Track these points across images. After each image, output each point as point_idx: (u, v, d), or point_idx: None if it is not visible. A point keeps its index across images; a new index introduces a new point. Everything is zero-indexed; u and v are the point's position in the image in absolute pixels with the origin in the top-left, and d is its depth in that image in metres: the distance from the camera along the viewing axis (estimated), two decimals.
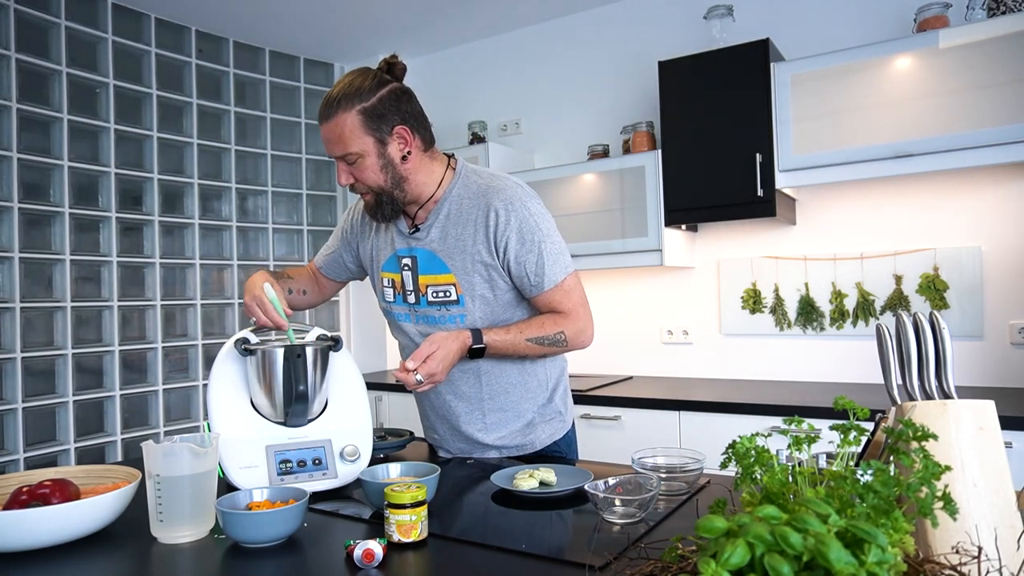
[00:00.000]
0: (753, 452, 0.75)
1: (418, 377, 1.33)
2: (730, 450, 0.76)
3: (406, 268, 1.51)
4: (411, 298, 1.51)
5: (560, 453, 1.60)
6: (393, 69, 1.46)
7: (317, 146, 3.87)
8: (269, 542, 1.03)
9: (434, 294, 1.48)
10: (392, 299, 1.56)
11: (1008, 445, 1.92)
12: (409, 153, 1.42)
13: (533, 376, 1.56)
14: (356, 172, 1.40)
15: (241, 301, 3.48)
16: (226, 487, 1.28)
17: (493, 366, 1.52)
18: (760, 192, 2.48)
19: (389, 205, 1.45)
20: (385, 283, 1.57)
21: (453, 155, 1.56)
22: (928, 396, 0.88)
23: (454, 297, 1.46)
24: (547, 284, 1.44)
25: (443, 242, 1.46)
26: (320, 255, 1.73)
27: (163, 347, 3.19)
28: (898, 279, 2.62)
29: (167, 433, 3.18)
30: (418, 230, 1.49)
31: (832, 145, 2.39)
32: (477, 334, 1.41)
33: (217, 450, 1.17)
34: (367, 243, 1.62)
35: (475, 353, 1.42)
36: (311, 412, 1.38)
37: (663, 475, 1.21)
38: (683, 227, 2.87)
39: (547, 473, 1.28)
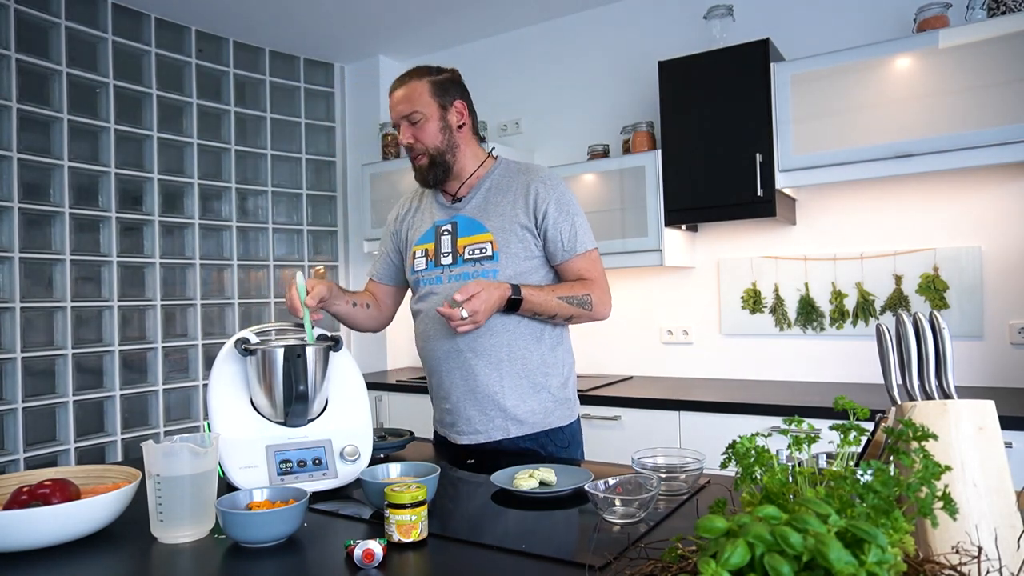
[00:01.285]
0: (753, 452, 0.75)
1: (464, 313, 1.40)
2: (730, 450, 0.76)
3: (445, 233, 1.65)
4: (446, 259, 1.64)
5: (565, 442, 1.64)
6: (449, 70, 1.70)
7: (317, 146, 3.87)
8: (269, 542, 1.03)
9: (470, 251, 1.61)
10: (424, 267, 1.68)
11: (1008, 445, 1.92)
12: (463, 125, 1.65)
13: (552, 353, 1.64)
14: (418, 132, 1.60)
15: (242, 301, 3.49)
16: (226, 487, 1.28)
17: (514, 335, 1.59)
18: (760, 192, 2.48)
19: (441, 167, 1.63)
20: (417, 255, 1.69)
21: (494, 148, 1.80)
22: (928, 396, 0.88)
23: (489, 253, 1.59)
24: (579, 249, 1.60)
25: (483, 208, 1.63)
26: (371, 269, 1.87)
27: (163, 347, 3.19)
28: (898, 279, 2.62)
29: (167, 433, 3.18)
30: (459, 201, 1.67)
31: (832, 145, 2.39)
32: (515, 287, 1.51)
33: (217, 450, 1.17)
34: (405, 229, 1.77)
35: (512, 305, 1.51)
36: (311, 412, 1.38)
37: (663, 475, 1.21)
38: (683, 227, 2.87)
39: (547, 473, 1.28)
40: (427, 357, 1.71)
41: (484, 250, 1.59)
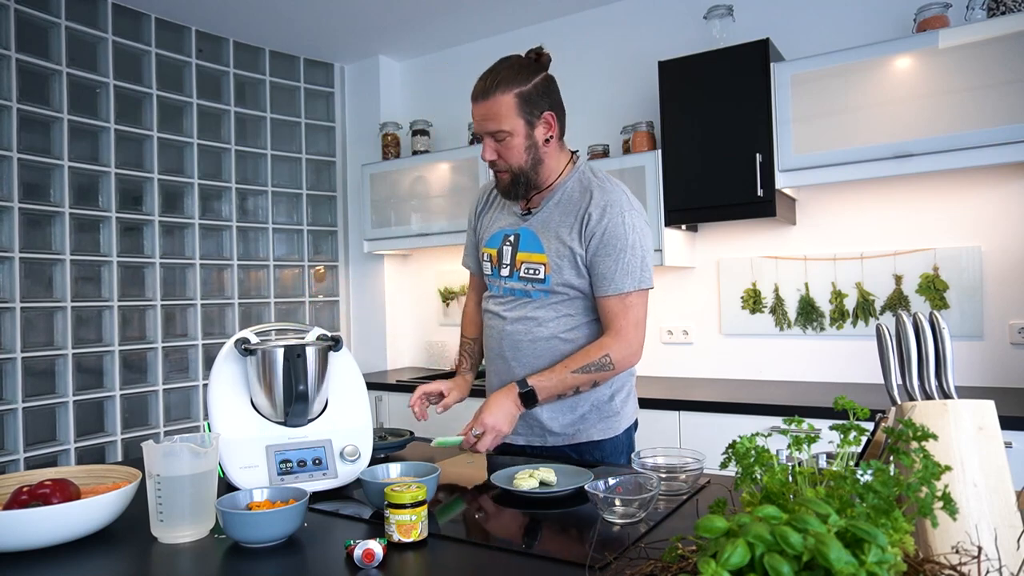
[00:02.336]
0: (753, 452, 0.75)
1: (475, 431, 1.45)
2: (730, 450, 0.76)
3: (508, 243, 1.63)
4: (504, 271, 1.62)
5: (602, 456, 1.60)
6: (540, 58, 1.55)
7: (317, 146, 3.87)
8: (269, 542, 1.03)
9: (526, 270, 1.58)
10: (489, 272, 1.68)
11: (1008, 445, 1.92)
12: (551, 137, 1.55)
13: None
14: (502, 149, 1.52)
15: (242, 301, 3.49)
16: (226, 487, 1.28)
17: (556, 351, 1.56)
18: (760, 192, 2.48)
19: (524, 185, 1.57)
20: (484, 257, 1.68)
21: (576, 151, 1.68)
22: (928, 396, 0.88)
23: (541, 276, 1.56)
24: (611, 290, 1.51)
25: (545, 226, 1.58)
26: (464, 259, 1.85)
27: (163, 347, 3.19)
28: (898, 279, 2.62)
29: (167, 433, 3.18)
30: (530, 213, 1.61)
31: (832, 145, 2.39)
32: (522, 383, 1.50)
33: (217, 450, 1.17)
34: (481, 225, 1.75)
35: (527, 400, 1.49)
36: (311, 412, 1.38)
37: (663, 475, 1.21)
38: (683, 227, 2.87)
39: (547, 473, 1.28)
40: (486, 348, 1.72)
41: (537, 272, 1.56)
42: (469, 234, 1.81)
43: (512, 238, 1.61)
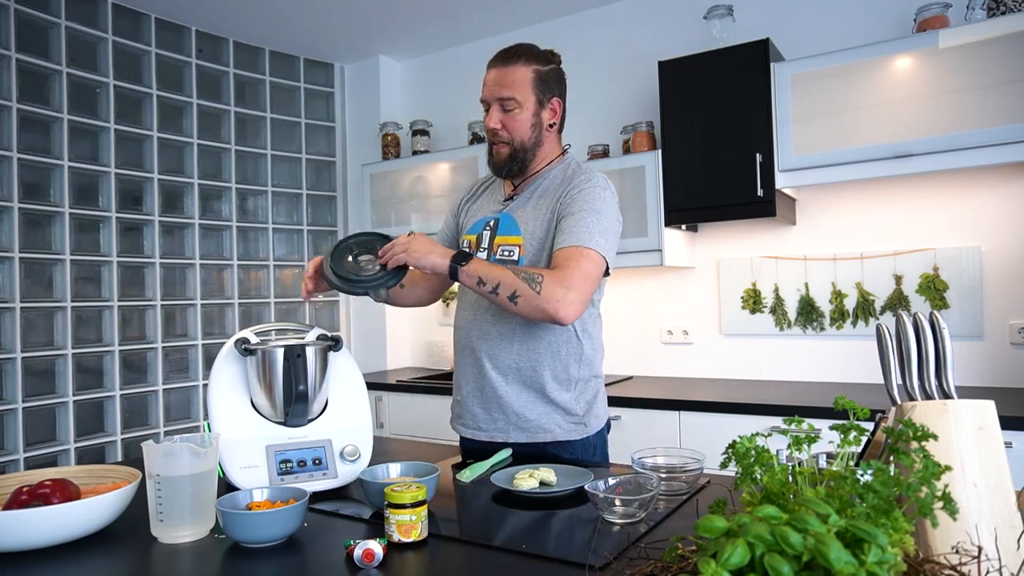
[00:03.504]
0: (753, 452, 0.75)
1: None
2: (730, 450, 0.76)
3: (487, 228, 1.62)
4: (482, 254, 1.60)
5: (575, 454, 1.57)
6: (555, 56, 1.61)
7: (317, 146, 3.87)
8: (269, 542, 1.03)
9: (502, 251, 1.58)
10: None
11: (1008, 445, 1.92)
12: (554, 124, 1.59)
13: (566, 370, 1.56)
14: (507, 120, 1.54)
15: (242, 301, 3.49)
16: (226, 487, 1.28)
17: (526, 346, 1.55)
18: (760, 192, 2.48)
19: (519, 163, 1.58)
20: (464, 244, 1.67)
21: (569, 145, 1.70)
22: (928, 396, 0.88)
23: (515, 257, 1.55)
24: (569, 242, 1.44)
25: (524, 210, 1.58)
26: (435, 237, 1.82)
27: (163, 347, 3.19)
28: (898, 279, 2.62)
29: (167, 433, 3.18)
30: (512, 199, 1.62)
31: (832, 145, 2.39)
32: (462, 252, 1.45)
33: (217, 450, 1.17)
34: (463, 215, 1.76)
35: (457, 255, 1.42)
36: (311, 412, 1.38)
37: (663, 475, 1.21)
38: (683, 227, 2.87)
39: (547, 473, 1.28)
40: (454, 348, 1.72)
41: (511, 253, 1.56)
42: (448, 220, 1.81)
43: (492, 223, 1.62)
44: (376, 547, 0.94)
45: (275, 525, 1.02)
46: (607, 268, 1.49)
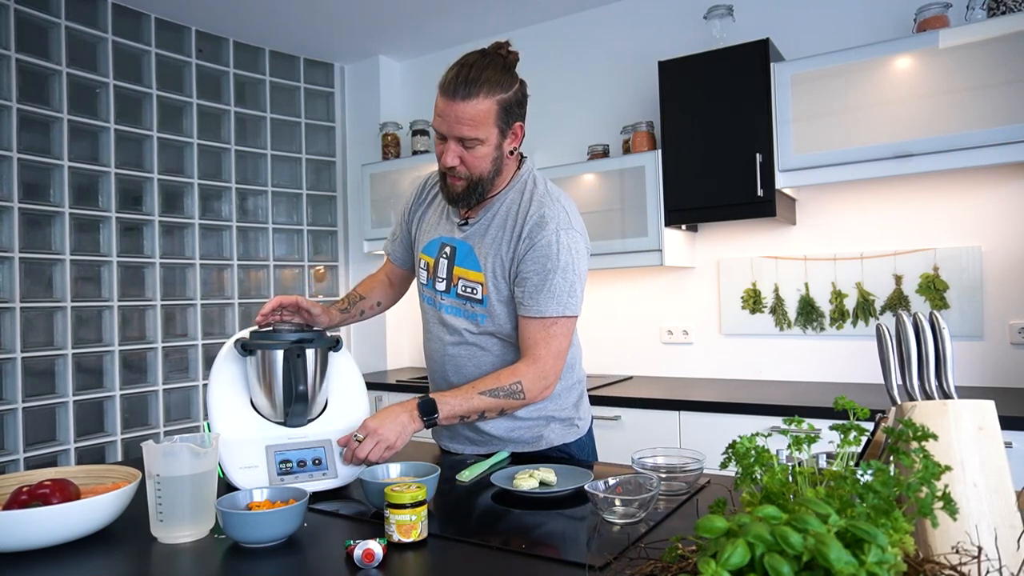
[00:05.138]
0: (753, 452, 0.75)
1: (357, 436, 1.30)
2: (730, 450, 0.76)
3: (444, 255, 1.53)
4: (441, 285, 1.53)
5: (569, 454, 1.58)
6: (510, 56, 1.42)
7: (317, 146, 3.87)
8: (269, 542, 1.03)
9: (463, 288, 1.49)
10: (424, 281, 1.59)
11: (1008, 445, 1.92)
12: (514, 149, 1.45)
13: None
14: (467, 157, 1.39)
15: (242, 301, 3.49)
16: (226, 487, 1.28)
17: (497, 362, 1.50)
18: (760, 192, 2.48)
19: (477, 195, 1.44)
20: (421, 265, 1.59)
21: (524, 156, 1.55)
22: (928, 396, 0.88)
23: (479, 297, 1.47)
24: (534, 311, 1.40)
25: (482, 240, 1.48)
26: (387, 245, 1.76)
27: (163, 347, 3.19)
28: (898, 279, 2.62)
29: (167, 433, 3.18)
30: (467, 223, 1.51)
31: (832, 145, 2.39)
32: (424, 400, 1.36)
33: (217, 450, 1.17)
34: (416, 222, 1.65)
35: (425, 408, 1.34)
36: (311, 412, 1.38)
37: (663, 475, 1.21)
38: (683, 227, 2.87)
39: (547, 473, 1.28)
40: (429, 376, 1.66)
41: (475, 291, 1.47)
42: (401, 225, 1.69)
43: (448, 250, 1.52)
44: (376, 547, 0.94)
45: (275, 525, 1.02)
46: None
